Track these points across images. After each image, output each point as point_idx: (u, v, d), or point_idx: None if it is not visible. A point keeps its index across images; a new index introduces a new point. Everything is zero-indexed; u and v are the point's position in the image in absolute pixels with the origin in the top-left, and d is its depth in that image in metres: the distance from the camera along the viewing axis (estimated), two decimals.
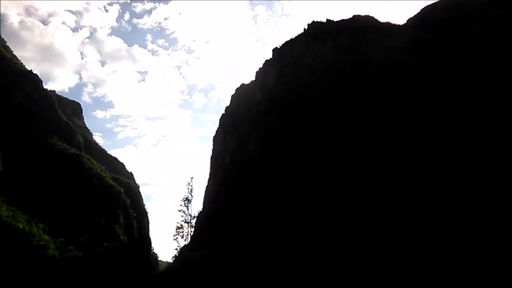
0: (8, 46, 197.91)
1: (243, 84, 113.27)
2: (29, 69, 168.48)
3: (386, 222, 40.23)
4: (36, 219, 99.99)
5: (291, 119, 73.56)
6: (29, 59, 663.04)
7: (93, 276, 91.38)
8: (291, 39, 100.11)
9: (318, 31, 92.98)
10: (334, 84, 73.00)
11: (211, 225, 75.74)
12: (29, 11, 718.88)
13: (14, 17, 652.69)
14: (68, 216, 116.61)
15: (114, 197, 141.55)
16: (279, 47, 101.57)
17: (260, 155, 74.44)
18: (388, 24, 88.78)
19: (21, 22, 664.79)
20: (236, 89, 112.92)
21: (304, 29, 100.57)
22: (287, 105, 77.80)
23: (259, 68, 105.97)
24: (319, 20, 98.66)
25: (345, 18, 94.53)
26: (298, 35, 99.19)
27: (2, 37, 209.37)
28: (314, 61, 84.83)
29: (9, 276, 60.10)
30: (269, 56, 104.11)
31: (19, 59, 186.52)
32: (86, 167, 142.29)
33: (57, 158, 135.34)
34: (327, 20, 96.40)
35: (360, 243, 39.26)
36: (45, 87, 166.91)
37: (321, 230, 43.46)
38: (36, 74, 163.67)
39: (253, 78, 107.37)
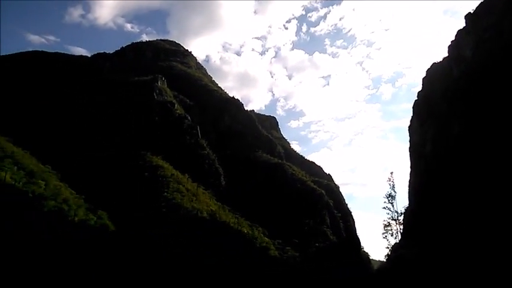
0: (214, 80, 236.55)
1: (434, 63, 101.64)
2: (232, 95, 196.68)
3: None
4: (257, 224, 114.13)
5: (500, 90, 61.53)
6: (230, 87, 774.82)
7: (309, 274, 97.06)
8: None
9: None
10: None
11: (419, 221, 70.02)
12: (225, 47, 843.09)
13: (215, 56, 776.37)
14: (281, 220, 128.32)
15: (317, 199, 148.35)
16: (472, 11, 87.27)
17: (466, 138, 64.80)
18: None
19: (221, 59, 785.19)
20: (427, 71, 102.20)
21: None
22: (493, 75, 65.53)
23: (452, 41, 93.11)
24: None
25: None
26: None
27: (209, 74, 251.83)
28: None
29: (236, 273, 69.96)
30: (462, 25, 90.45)
31: (223, 89, 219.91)
32: (289, 174, 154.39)
33: (263, 168, 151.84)
34: None
35: None
36: (246, 108, 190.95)
37: None
38: (238, 99, 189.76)
39: (446, 54, 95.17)
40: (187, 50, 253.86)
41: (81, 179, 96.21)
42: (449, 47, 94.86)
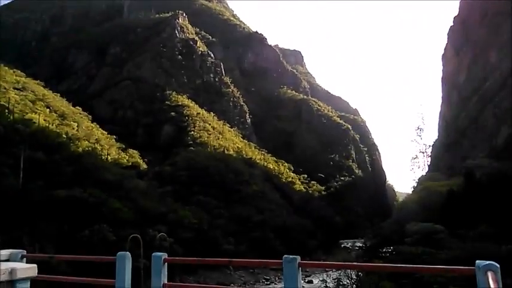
0: (235, 14, 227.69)
1: None
2: (255, 30, 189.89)
3: None
4: (282, 160, 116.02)
5: None
6: (254, 20, 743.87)
7: (333, 206, 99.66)
8: None
9: None
10: None
11: (449, 153, 69.00)
12: None
13: None
14: (306, 155, 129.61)
15: (343, 134, 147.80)
16: None
17: (507, 66, 61.02)
18: None
19: None
20: None
21: None
22: None
23: None
24: None
25: None
26: None
27: (230, 8, 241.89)
28: None
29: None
30: None
31: (245, 24, 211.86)
32: (314, 109, 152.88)
33: (288, 104, 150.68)
34: None
35: None
36: (269, 43, 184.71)
37: None
38: (261, 34, 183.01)
39: None
40: None
41: (110, 119, 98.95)
42: None
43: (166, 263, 5.50)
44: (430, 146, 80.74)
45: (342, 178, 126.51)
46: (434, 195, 39.53)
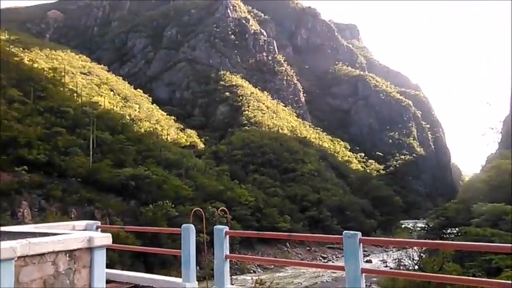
0: None
1: None
2: (308, 5, 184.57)
3: None
4: (338, 138, 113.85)
5: None
6: None
7: (393, 186, 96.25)
8: None
9: None
10: None
11: None
12: None
13: None
14: (364, 133, 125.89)
15: (403, 110, 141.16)
16: None
17: None
18: None
19: None
20: None
21: None
22: None
23: None
24: None
25: None
26: None
27: None
28: None
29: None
30: None
31: None
32: (372, 85, 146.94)
33: (344, 81, 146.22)
34: None
35: None
36: (323, 18, 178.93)
37: None
38: (314, 9, 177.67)
39: None
40: None
41: (168, 101, 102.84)
42: None
43: (227, 236, 5.63)
44: (501, 121, 74.50)
45: (402, 157, 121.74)
46: (505, 174, 36.58)
